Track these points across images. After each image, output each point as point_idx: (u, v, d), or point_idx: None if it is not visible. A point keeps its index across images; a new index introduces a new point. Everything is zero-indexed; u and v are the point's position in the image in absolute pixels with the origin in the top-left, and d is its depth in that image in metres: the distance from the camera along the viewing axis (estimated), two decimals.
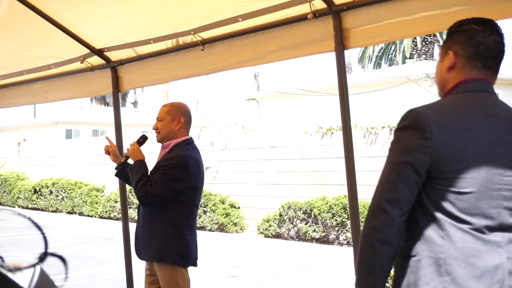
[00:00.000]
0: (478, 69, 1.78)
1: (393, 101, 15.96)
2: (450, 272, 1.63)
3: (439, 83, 1.88)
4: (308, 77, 28.74)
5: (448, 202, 1.66)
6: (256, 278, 8.17)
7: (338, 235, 11.07)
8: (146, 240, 3.49)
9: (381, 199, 1.69)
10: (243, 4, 3.30)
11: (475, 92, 1.77)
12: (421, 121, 1.67)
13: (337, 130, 12.13)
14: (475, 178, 1.66)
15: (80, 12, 3.87)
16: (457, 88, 1.79)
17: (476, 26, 1.79)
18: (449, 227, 1.65)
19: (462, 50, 1.79)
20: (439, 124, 1.66)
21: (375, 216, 1.69)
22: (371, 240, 1.69)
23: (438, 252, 1.65)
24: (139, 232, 3.56)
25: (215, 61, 3.72)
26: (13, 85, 5.09)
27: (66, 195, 18.12)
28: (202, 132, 15.59)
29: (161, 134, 3.55)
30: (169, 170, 3.38)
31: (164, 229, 3.42)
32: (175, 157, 3.43)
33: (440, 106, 1.77)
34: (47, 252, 1.36)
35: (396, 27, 2.89)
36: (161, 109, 3.62)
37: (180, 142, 3.53)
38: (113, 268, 8.32)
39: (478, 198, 1.66)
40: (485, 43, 1.77)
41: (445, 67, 1.83)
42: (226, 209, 13.43)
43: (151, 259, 3.50)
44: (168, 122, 3.53)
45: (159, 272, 3.46)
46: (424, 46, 25.99)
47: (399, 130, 1.73)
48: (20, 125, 30.03)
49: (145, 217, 3.52)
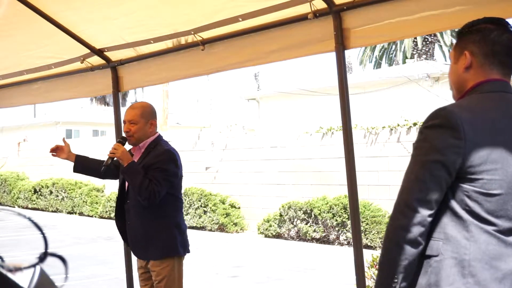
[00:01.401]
0: (497, 68, 1.78)
1: (393, 101, 15.96)
2: (474, 274, 1.62)
3: (456, 85, 1.86)
4: (308, 77, 28.75)
5: (476, 203, 1.65)
6: (256, 278, 8.17)
7: (339, 235, 11.06)
8: (149, 241, 3.50)
9: (411, 198, 1.66)
10: (243, 4, 3.30)
11: (498, 92, 1.76)
12: (455, 120, 1.65)
13: (337, 130, 12.13)
14: (504, 181, 1.65)
15: (80, 12, 3.86)
16: (479, 88, 1.78)
17: (489, 25, 1.79)
18: (475, 229, 1.64)
19: (478, 49, 1.78)
20: (471, 124, 1.65)
21: (404, 215, 1.66)
22: (399, 239, 1.66)
23: (463, 254, 1.64)
24: (137, 235, 3.55)
25: (215, 61, 3.72)
26: (13, 85, 5.09)
27: (66, 195, 18.12)
28: (202, 132, 15.56)
29: (135, 137, 3.57)
30: (165, 166, 3.45)
31: (166, 226, 3.50)
32: (163, 153, 3.50)
33: (469, 106, 1.74)
34: (47, 252, 1.36)
35: (397, 27, 2.89)
36: (131, 111, 3.60)
37: (154, 140, 3.59)
38: (113, 268, 8.32)
39: (505, 201, 1.66)
40: (499, 41, 1.77)
41: (462, 68, 1.82)
42: (226, 209, 13.43)
43: (159, 256, 3.50)
44: (143, 125, 3.56)
45: (161, 266, 3.48)
46: (425, 46, 25.99)
47: (428, 128, 1.69)
48: (20, 125, 30.03)
49: (140, 216, 3.52)
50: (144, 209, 3.46)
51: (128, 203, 3.58)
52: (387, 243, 1.70)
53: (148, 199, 3.37)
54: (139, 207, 3.48)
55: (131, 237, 3.60)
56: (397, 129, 11.24)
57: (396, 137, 11.19)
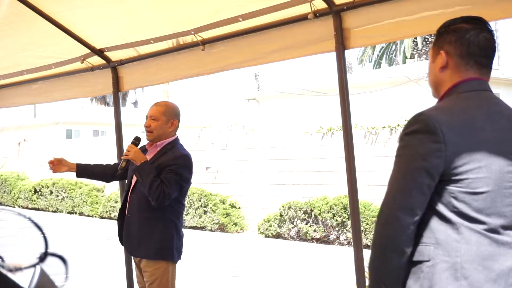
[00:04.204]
0: (473, 68, 1.77)
1: (393, 101, 15.96)
2: (467, 276, 1.62)
3: (433, 83, 1.86)
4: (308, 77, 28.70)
5: (464, 203, 1.64)
6: (256, 278, 8.17)
7: (339, 235, 11.06)
8: (144, 238, 3.49)
9: (394, 207, 1.66)
10: (244, 4, 3.30)
11: (477, 91, 1.76)
12: (433, 124, 1.64)
13: (337, 130, 12.13)
14: (489, 178, 1.65)
15: (80, 12, 3.87)
16: (457, 89, 1.77)
17: (466, 25, 1.78)
18: (465, 230, 1.64)
19: (454, 49, 1.77)
20: (450, 126, 1.64)
21: (388, 224, 1.66)
22: (383, 249, 1.68)
23: (454, 256, 1.63)
24: (132, 229, 3.54)
25: (216, 61, 3.72)
26: (13, 85, 5.09)
27: (67, 195, 18.12)
28: (202, 132, 15.56)
29: (154, 134, 3.54)
30: (180, 170, 3.42)
31: (164, 227, 3.47)
32: (180, 156, 3.48)
33: (448, 107, 1.73)
34: (47, 252, 1.36)
35: (397, 27, 2.89)
36: (155, 108, 3.59)
37: (172, 141, 3.57)
38: (113, 268, 8.31)
39: (493, 197, 1.65)
40: (476, 41, 1.75)
41: (438, 67, 1.81)
42: (226, 209, 13.42)
43: (151, 256, 3.49)
44: (163, 123, 3.54)
45: (151, 268, 3.47)
46: (425, 46, 25.98)
47: (408, 134, 1.69)
48: (20, 125, 30.03)
49: (142, 215, 3.50)
50: (147, 206, 3.43)
51: (133, 197, 3.55)
52: (373, 252, 1.71)
53: (158, 199, 3.34)
54: (143, 203, 3.46)
55: (127, 230, 3.58)
56: (397, 129, 11.24)
57: (396, 137, 11.19)
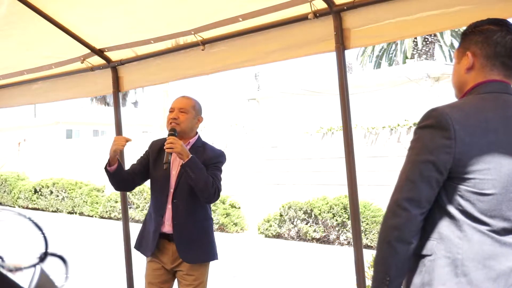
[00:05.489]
0: (498, 69, 1.78)
1: (393, 101, 15.96)
2: (467, 273, 1.63)
3: (458, 84, 1.87)
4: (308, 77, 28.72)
5: (469, 202, 1.66)
6: (256, 278, 8.17)
7: (339, 235, 11.06)
8: (199, 242, 3.32)
9: (401, 198, 1.68)
10: (244, 4, 3.30)
11: (496, 93, 1.77)
12: (445, 121, 1.66)
13: (337, 130, 12.13)
14: (497, 180, 1.66)
15: (80, 12, 3.86)
16: (477, 89, 1.78)
17: (493, 26, 1.80)
18: (468, 228, 1.66)
19: (481, 50, 1.79)
20: (462, 124, 1.66)
21: (395, 215, 1.69)
22: (390, 238, 1.69)
23: (455, 253, 1.65)
24: (190, 232, 3.30)
25: (216, 61, 3.72)
26: (13, 85, 5.09)
27: (67, 195, 18.12)
28: (202, 132, 15.57)
29: (182, 127, 3.33)
30: (222, 167, 3.36)
31: (211, 228, 3.40)
32: (221, 154, 3.41)
33: (463, 106, 1.75)
34: (47, 252, 1.36)
35: (397, 27, 2.89)
36: (184, 101, 3.40)
37: (199, 139, 3.45)
38: (113, 268, 8.31)
39: (499, 200, 1.66)
40: (502, 42, 1.77)
41: (464, 68, 1.83)
42: (226, 209, 13.42)
43: (205, 260, 3.34)
44: (192, 117, 3.38)
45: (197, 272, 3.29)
46: (425, 46, 25.95)
47: (421, 128, 1.72)
48: (20, 125, 30.04)
49: (192, 218, 3.30)
50: (194, 208, 3.29)
51: (176, 202, 3.30)
52: (379, 242, 1.73)
53: (212, 196, 3.19)
54: (191, 206, 3.28)
55: (180, 237, 3.28)
56: (397, 129, 11.24)
57: (396, 137, 11.19)
